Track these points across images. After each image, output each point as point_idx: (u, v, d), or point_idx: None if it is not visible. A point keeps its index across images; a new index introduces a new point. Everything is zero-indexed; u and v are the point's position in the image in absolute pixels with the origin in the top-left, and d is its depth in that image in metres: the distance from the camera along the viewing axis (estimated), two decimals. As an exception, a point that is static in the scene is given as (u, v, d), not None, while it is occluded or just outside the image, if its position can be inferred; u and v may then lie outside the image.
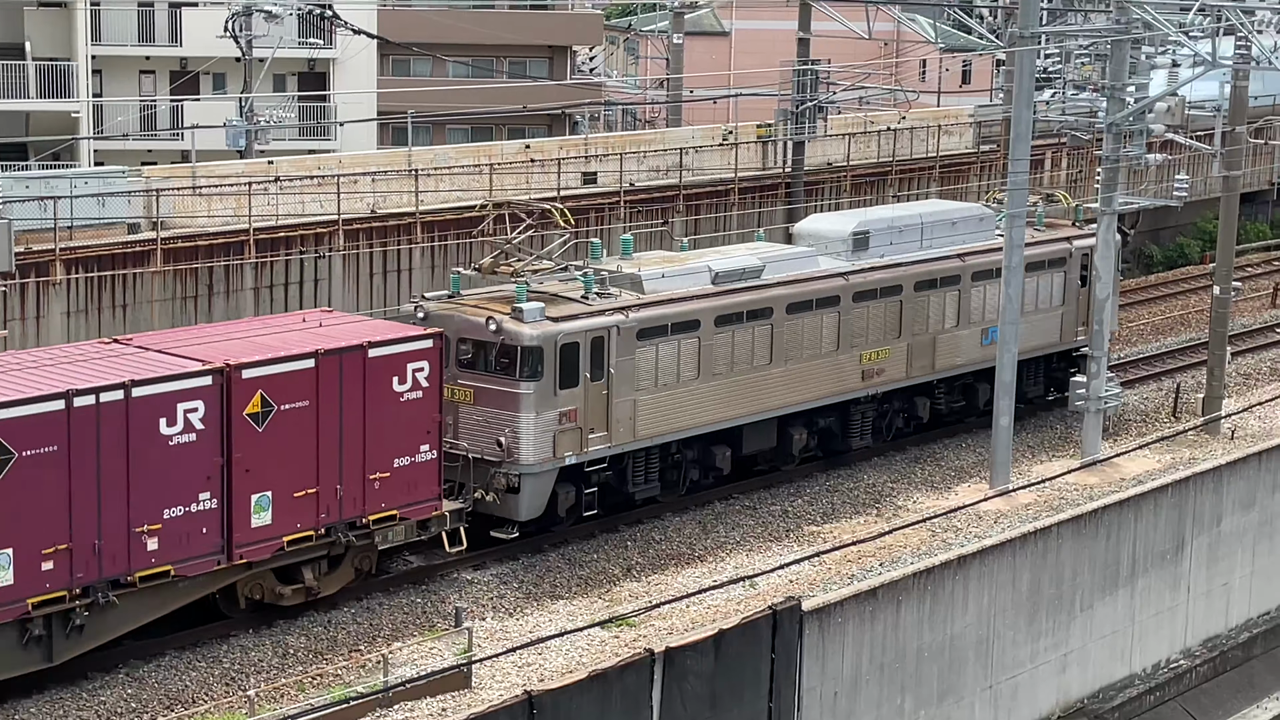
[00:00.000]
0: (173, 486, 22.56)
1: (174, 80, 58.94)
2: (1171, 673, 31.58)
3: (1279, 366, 42.36)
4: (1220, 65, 34.45)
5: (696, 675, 23.02)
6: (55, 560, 21.55)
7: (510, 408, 27.16)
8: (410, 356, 25.06)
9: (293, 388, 23.68)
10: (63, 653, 21.99)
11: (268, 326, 25.85)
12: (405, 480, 25.13)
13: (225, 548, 23.28)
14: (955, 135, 52.67)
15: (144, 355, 23.58)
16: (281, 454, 23.61)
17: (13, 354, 24.59)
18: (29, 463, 21.02)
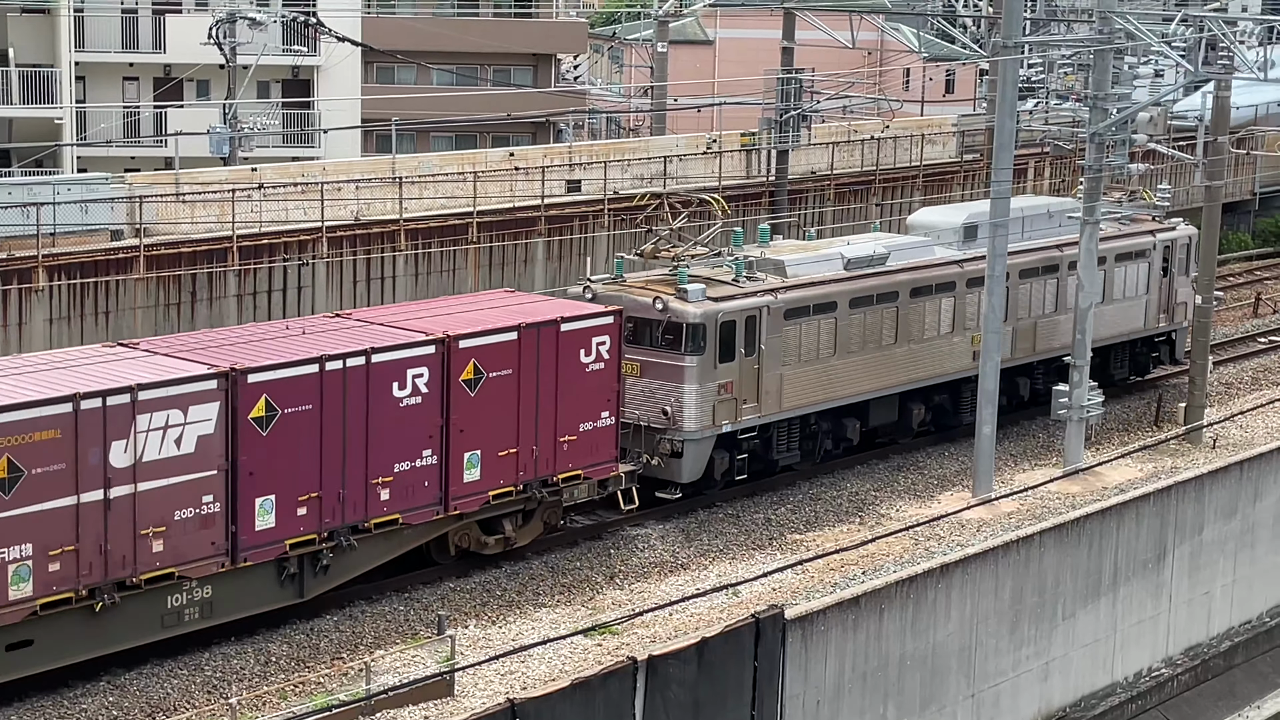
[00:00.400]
0: (402, 443, 25.17)
1: (158, 87, 58.87)
2: (1153, 681, 31.64)
3: (1260, 376, 42.50)
4: (1201, 75, 34.59)
5: (679, 683, 23.03)
6: (308, 507, 24.17)
7: (675, 379, 29.78)
8: (595, 331, 27.68)
9: (499, 357, 26.37)
10: (312, 589, 24.59)
11: (466, 303, 28.69)
12: (589, 443, 27.78)
13: (443, 500, 25.90)
14: (938, 144, 52.80)
15: (369, 328, 26.19)
16: (489, 417, 26.32)
17: (262, 324, 28.53)
18: (290, 419, 23.74)
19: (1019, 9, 31.36)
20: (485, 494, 26.48)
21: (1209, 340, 36.70)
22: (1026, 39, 33.06)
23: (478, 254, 40.09)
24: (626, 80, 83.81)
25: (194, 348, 24.43)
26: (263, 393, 23.41)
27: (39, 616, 21.69)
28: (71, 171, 51.05)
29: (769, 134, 45.73)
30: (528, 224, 41.14)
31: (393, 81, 69.46)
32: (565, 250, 41.85)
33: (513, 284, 39.97)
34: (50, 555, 21.63)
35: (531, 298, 29.87)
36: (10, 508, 21.17)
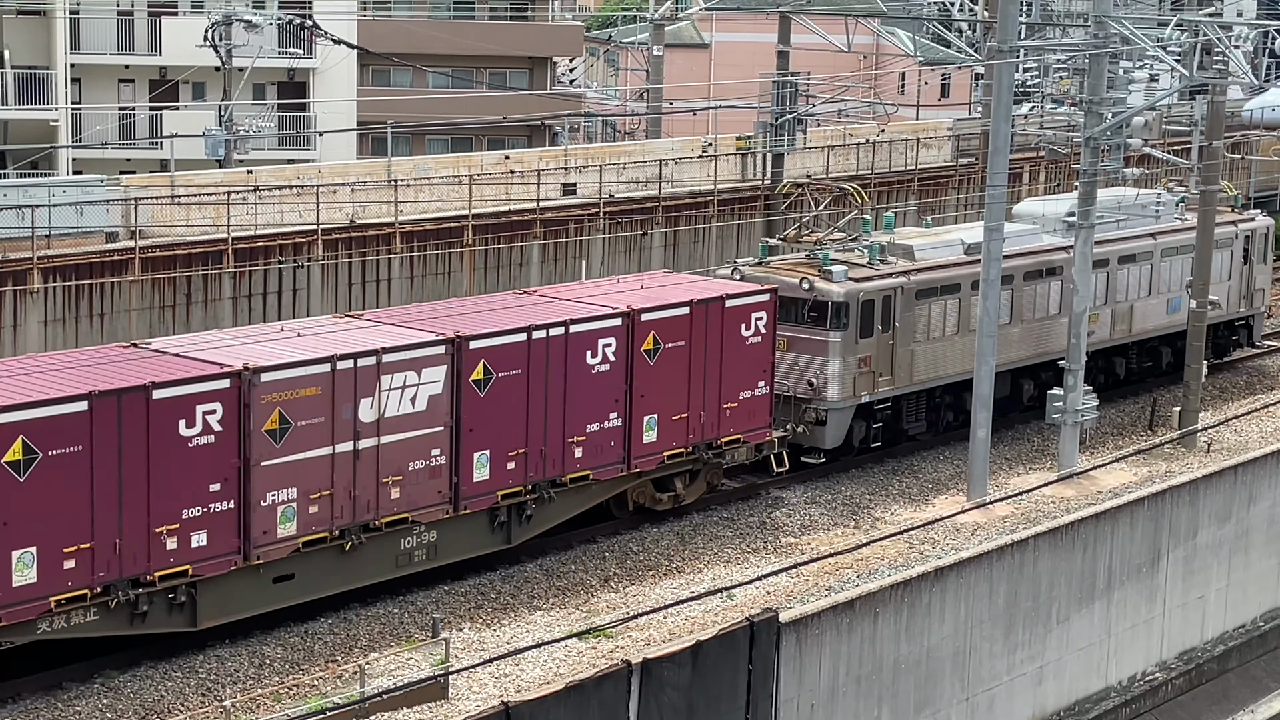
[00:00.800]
0: (594, 406, 27.76)
1: (153, 89, 58.85)
2: (1147, 685, 31.66)
3: (1254, 381, 42.55)
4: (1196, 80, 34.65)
5: (674, 687, 23.03)
6: (516, 461, 26.79)
7: (820, 353, 32.33)
8: (754, 308, 30.18)
9: (675, 330, 28.93)
10: (517, 536, 27.25)
11: (639, 282, 31.19)
12: (747, 410, 30.21)
13: (625, 459, 28.48)
14: (933, 148, 52.84)
15: (559, 303, 28.72)
16: (664, 384, 28.84)
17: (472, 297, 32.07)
18: (502, 382, 26.42)
19: (1014, 13, 31.40)
20: (660, 454, 29.06)
21: (1203, 344, 36.72)
22: (1022, 43, 33.10)
23: (473, 257, 40.11)
24: (622, 83, 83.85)
25: (417, 318, 27.28)
26: (481, 358, 26.15)
27: (300, 553, 24.29)
28: (67, 173, 51.02)
29: (764, 138, 45.74)
30: (523, 227, 41.16)
31: (388, 84, 69.47)
32: (561, 253, 41.88)
33: (508, 287, 39.98)
34: (310, 499, 24.24)
35: (690, 278, 32.50)
36: (280, 455, 23.78)
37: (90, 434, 21.77)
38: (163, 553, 22.72)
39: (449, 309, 28.30)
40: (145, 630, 23.05)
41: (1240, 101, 62.24)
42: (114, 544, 22.21)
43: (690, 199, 44.82)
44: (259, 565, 23.83)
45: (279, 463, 23.73)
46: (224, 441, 23.13)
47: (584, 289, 30.50)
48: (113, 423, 22.01)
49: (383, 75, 69.55)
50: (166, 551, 22.76)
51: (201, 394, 22.88)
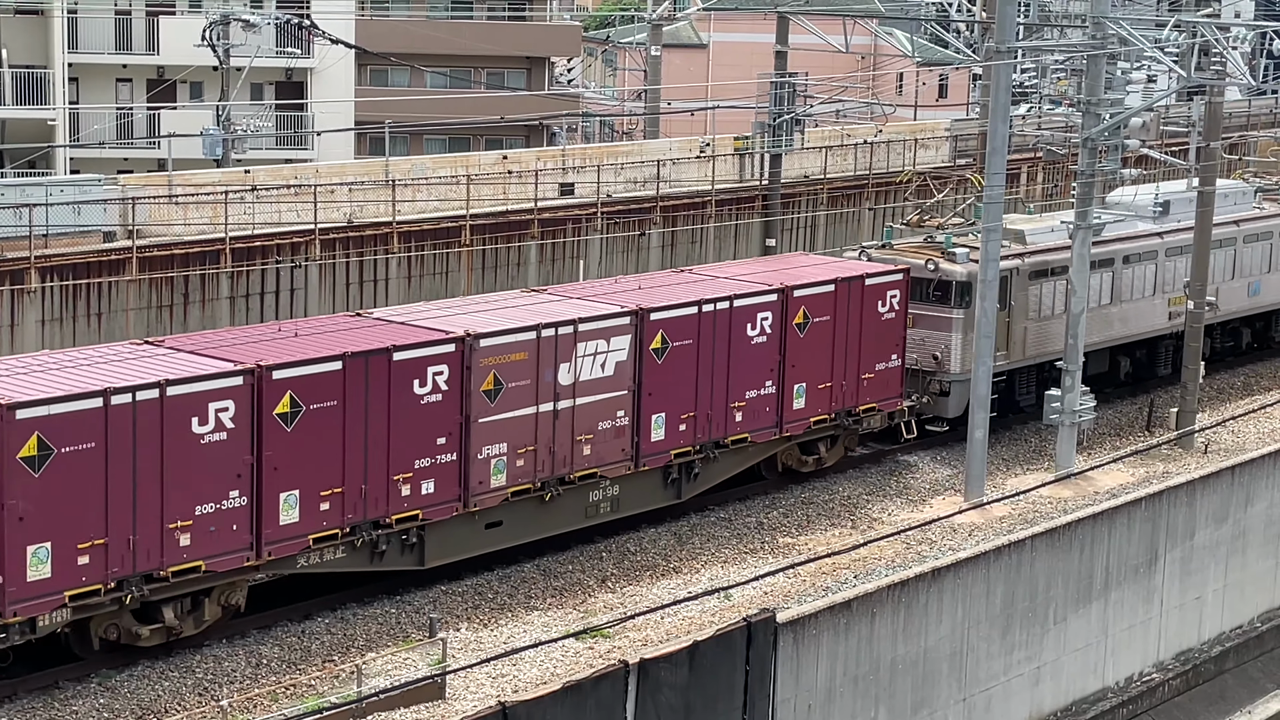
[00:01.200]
0: (752, 374, 30.26)
1: (151, 88, 58.84)
2: (1144, 686, 31.67)
3: (1252, 381, 42.57)
4: (1194, 81, 34.66)
5: (671, 687, 23.03)
6: (687, 424, 29.34)
7: (944, 329, 34.47)
8: (889, 286, 32.54)
9: (821, 306, 31.33)
10: (686, 492, 29.84)
11: (782, 263, 34.14)
12: (882, 381, 32.57)
13: (778, 423, 30.92)
14: (931, 149, 52.85)
15: (719, 281, 31.38)
16: (812, 355, 31.22)
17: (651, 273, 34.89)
18: (677, 351, 28.97)
19: (1012, 14, 31.40)
20: (808, 420, 31.50)
21: (1200, 345, 36.73)
22: (1020, 44, 33.11)
23: (470, 257, 40.12)
24: (620, 83, 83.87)
25: (600, 292, 29.86)
26: (660, 329, 28.71)
27: (508, 502, 26.91)
28: (64, 173, 51.02)
29: (762, 138, 45.75)
30: (521, 227, 41.16)
31: (386, 84, 69.46)
32: (558, 253, 41.89)
33: (506, 287, 39.99)
34: (517, 453, 26.84)
35: (825, 259, 35.22)
36: (494, 413, 26.37)
37: (344, 390, 24.39)
38: (399, 498, 25.31)
39: (629, 284, 31.12)
40: (382, 567, 25.62)
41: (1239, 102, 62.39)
42: (360, 489, 24.74)
43: (688, 199, 44.84)
44: (475, 512, 26.48)
45: (493, 420, 26.48)
46: (449, 400, 25.74)
47: (733, 268, 33.26)
48: (361, 381, 24.56)
49: (380, 75, 69.56)
50: (401, 498, 25.37)
51: (432, 357, 25.56)
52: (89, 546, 21.95)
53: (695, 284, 30.96)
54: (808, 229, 47.77)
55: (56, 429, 21.45)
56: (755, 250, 45.13)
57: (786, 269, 32.68)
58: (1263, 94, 69.30)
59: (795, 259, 34.98)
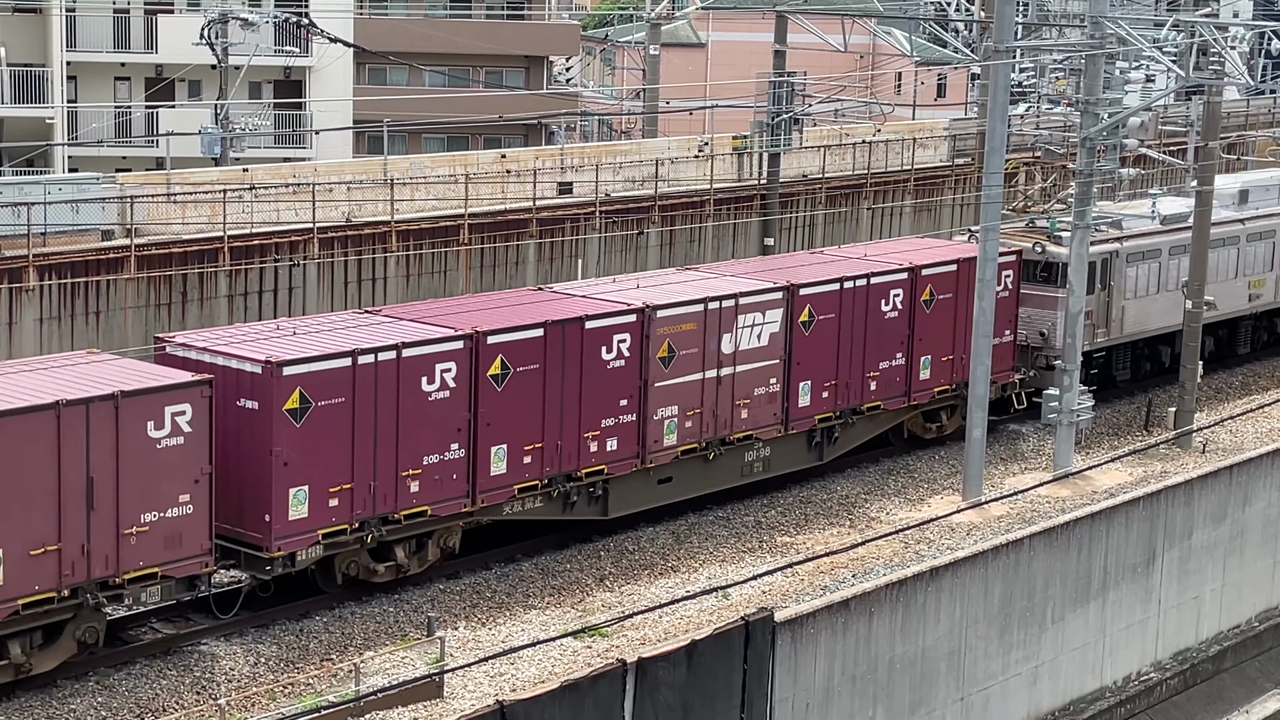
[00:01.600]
0: (886, 346, 32.78)
1: (149, 87, 58.81)
2: (1142, 685, 31.68)
3: (1250, 381, 42.58)
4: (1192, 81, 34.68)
5: (669, 686, 23.03)
6: (829, 391, 31.90)
7: (1050, 308, 36.63)
8: (1004, 266, 34.26)
9: (945, 284, 34.03)
10: (827, 455, 32.47)
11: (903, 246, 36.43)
12: (997, 354, 33.94)
13: (907, 392, 33.50)
14: (930, 148, 52.83)
15: (851, 261, 33.75)
16: (937, 329, 33.85)
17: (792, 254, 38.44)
18: (821, 324, 31.53)
19: (1011, 13, 31.40)
20: (932, 390, 34.12)
21: (1199, 344, 36.74)
22: (1018, 43, 33.13)
23: (469, 255, 40.10)
24: (618, 82, 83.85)
25: (753, 270, 32.59)
26: (808, 303, 31.22)
27: (678, 460, 29.51)
28: (62, 171, 50.98)
29: (761, 137, 45.72)
30: (519, 226, 41.14)
31: (385, 83, 69.43)
32: (557, 252, 41.87)
33: (504, 286, 39.98)
34: (686, 415, 29.41)
35: (940, 241, 37.96)
36: (668, 378, 29.09)
37: (544, 355, 27.12)
38: (587, 454, 28.03)
39: (777, 263, 34.29)
40: (572, 516, 28.27)
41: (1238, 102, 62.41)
42: (557, 445, 27.49)
43: (686, 198, 44.82)
44: (650, 468, 29.13)
45: (666, 384, 29.12)
46: (630, 365, 28.51)
47: (862, 249, 35.92)
48: (559, 347, 27.35)
49: (379, 74, 69.52)
50: (590, 453, 28.09)
51: (618, 326, 28.26)
52: (338, 490, 24.73)
53: (833, 263, 33.65)
54: (806, 228, 47.76)
55: (314, 385, 24.27)
56: (754, 250, 45.11)
57: (910, 250, 35.24)
58: (1261, 94, 69.30)
59: (914, 241, 37.63)
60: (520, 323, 27.07)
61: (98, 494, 21.99)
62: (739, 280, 31.26)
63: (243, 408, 23.94)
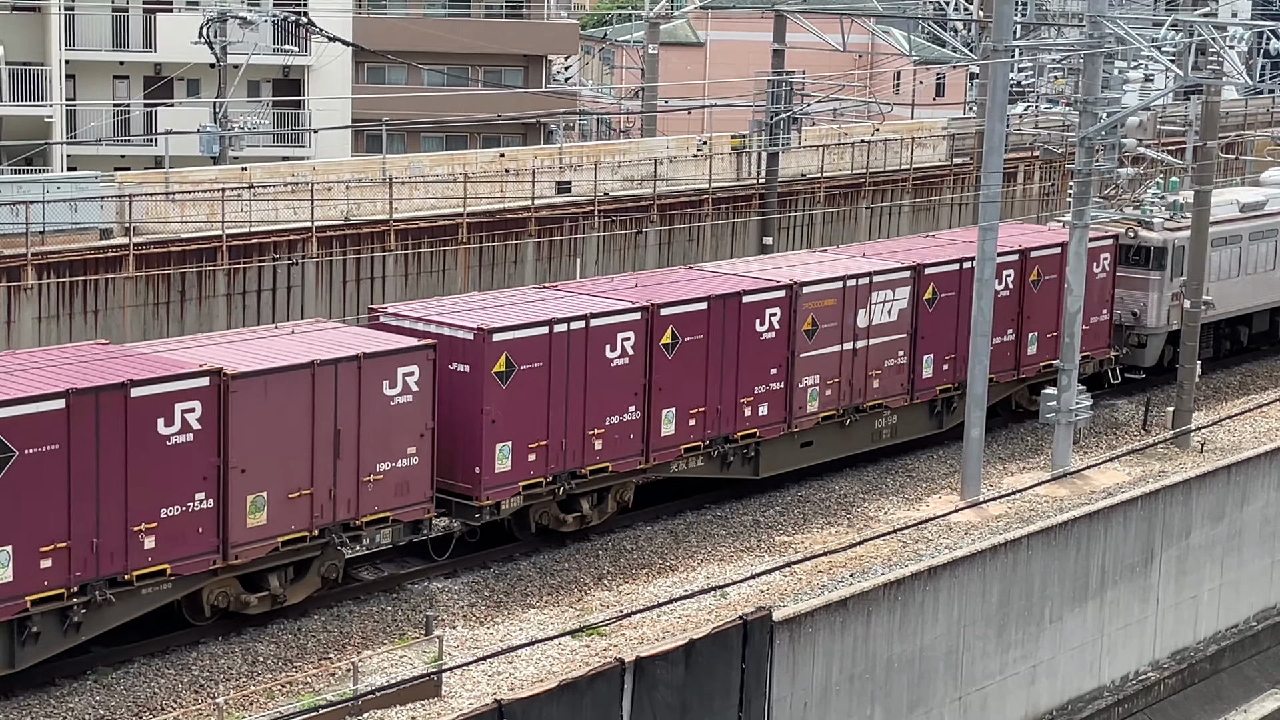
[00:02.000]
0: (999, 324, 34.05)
1: (148, 86, 58.82)
2: (1140, 685, 31.69)
3: (1248, 380, 42.59)
4: (1191, 80, 34.69)
5: (667, 685, 23.04)
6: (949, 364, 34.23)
7: (1142, 289, 38.94)
8: (1102, 250, 37.00)
9: (1050, 265, 36.13)
10: (946, 423, 34.67)
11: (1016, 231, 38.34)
12: (1095, 332, 36.98)
13: (1016, 367, 36.06)
14: (928, 148, 52.85)
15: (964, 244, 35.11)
16: (1042, 307, 36.10)
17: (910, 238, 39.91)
18: (942, 302, 33.77)
19: (1009, 13, 31.40)
20: (1038, 364, 36.34)
21: (1197, 344, 36.75)
22: (1017, 43, 33.13)
23: (467, 254, 40.11)
24: (617, 82, 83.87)
25: (887, 252, 34.72)
26: (931, 282, 33.55)
27: (819, 425, 31.89)
28: (61, 170, 50.99)
29: (759, 136, 45.73)
30: (518, 225, 41.16)
31: (383, 82, 69.43)
32: (555, 251, 41.88)
33: (502, 285, 39.99)
34: (826, 384, 31.81)
35: (1035, 227, 40.06)
36: (812, 349, 31.38)
37: (708, 327, 29.49)
38: (742, 418, 30.34)
39: (903, 244, 36.46)
40: (728, 475, 30.69)
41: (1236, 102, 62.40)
42: (716, 409, 29.84)
43: (685, 198, 44.83)
44: (795, 433, 31.47)
45: (810, 355, 31.44)
46: (780, 337, 30.80)
47: (969, 232, 37.16)
48: (720, 319, 29.74)
49: (378, 73, 69.52)
50: (744, 418, 30.41)
51: (770, 300, 30.60)
52: (536, 447, 27.17)
53: (953, 246, 35.62)
54: (804, 227, 47.78)
55: (518, 350, 26.75)
56: (752, 250, 45.12)
57: (1015, 235, 37.19)
58: (1260, 93, 69.31)
59: (1017, 226, 39.56)
60: (688, 296, 29.54)
61: (343, 444, 24.49)
62: (872, 261, 33.54)
63: (455, 371, 26.38)
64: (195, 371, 23.07)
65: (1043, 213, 44.00)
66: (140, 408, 22.28)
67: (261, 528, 23.71)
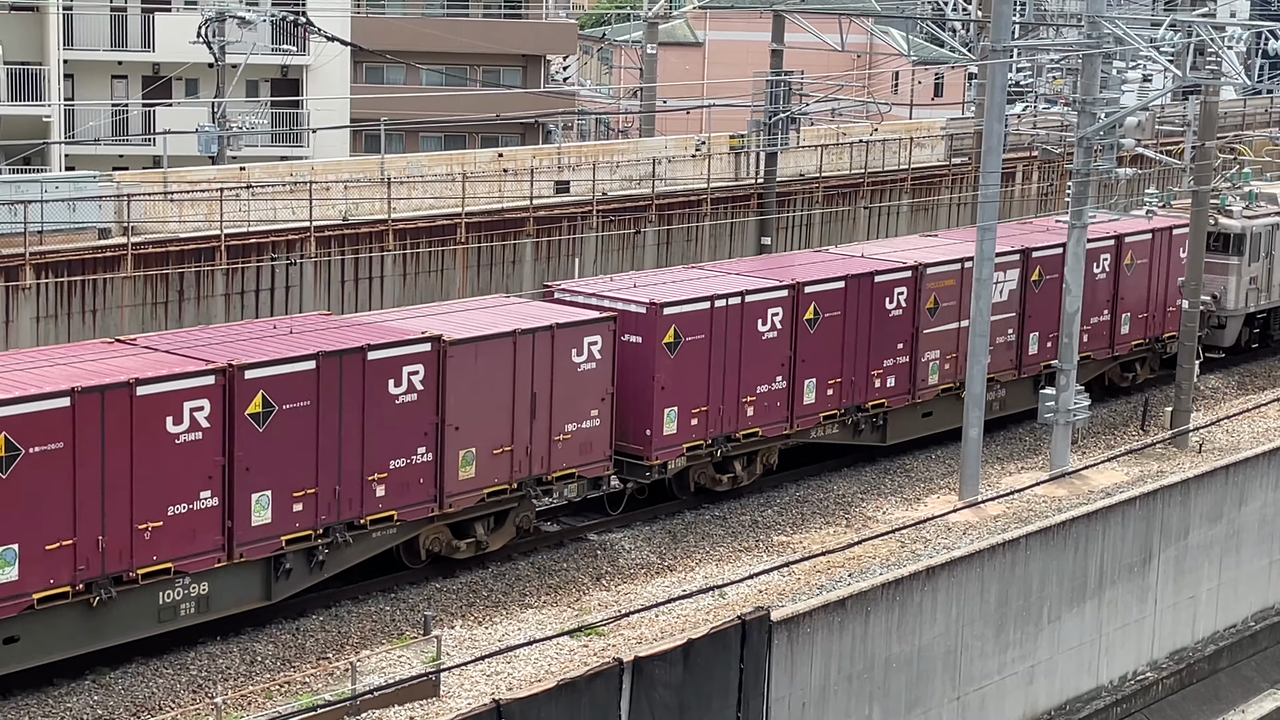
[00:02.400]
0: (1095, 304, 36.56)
1: (146, 85, 58.79)
2: (1138, 685, 31.69)
3: (1246, 381, 42.60)
4: (1189, 80, 34.70)
5: (665, 685, 23.03)
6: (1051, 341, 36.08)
7: (1223, 273, 41.16)
8: (1179, 240, 39.11)
9: (1141, 250, 38.67)
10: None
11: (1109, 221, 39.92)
12: (1178, 314, 38.39)
13: (1110, 345, 38.47)
14: (927, 148, 52.86)
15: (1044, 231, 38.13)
16: (1135, 290, 38.57)
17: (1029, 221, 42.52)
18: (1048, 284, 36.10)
19: (1008, 13, 31.40)
20: (1130, 343, 39.16)
21: (1195, 344, 36.75)
22: (1015, 43, 33.13)
23: (466, 254, 40.11)
24: (616, 81, 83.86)
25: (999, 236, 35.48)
26: (1038, 265, 36.05)
27: (939, 397, 34.40)
28: (59, 169, 50.98)
29: (758, 136, 45.73)
30: (516, 225, 41.15)
31: (382, 81, 69.42)
32: (554, 251, 41.88)
33: (501, 286, 39.99)
34: (945, 359, 34.36)
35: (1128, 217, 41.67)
36: (933, 326, 34.01)
37: (844, 304, 31.95)
38: (874, 389, 32.87)
39: (1012, 229, 38.54)
40: (859, 441, 33.19)
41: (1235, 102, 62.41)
42: (850, 381, 32.26)
43: (683, 197, 44.82)
44: (917, 403, 33.97)
45: (932, 331, 33.89)
46: (906, 314, 33.33)
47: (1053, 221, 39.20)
48: (855, 297, 32.13)
49: (376, 72, 69.51)
50: (875, 389, 33.00)
51: (897, 280, 33.11)
52: (698, 412, 29.72)
53: (1050, 232, 37.63)
54: (803, 228, 47.78)
55: (685, 323, 29.38)
56: (751, 250, 45.13)
57: (1110, 223, 37.85)
58: (1258, 93, 69.35)
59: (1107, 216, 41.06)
60: (827, 276, 31.91)
61: (538, 406, 27.14)
62: (961, 247, 35.27)
63: (627, 342, 28.89)
64: (420, 338, 25.61)
65: (1107, 203, 45.04)
66: (375, 370, 24.82)
67: (470, 480, 26.36)
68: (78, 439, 21.54)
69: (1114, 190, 39.90)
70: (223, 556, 23.33)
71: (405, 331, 25.88)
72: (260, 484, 23.52)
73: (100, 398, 21.76)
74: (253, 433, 23.38)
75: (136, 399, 22.07)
